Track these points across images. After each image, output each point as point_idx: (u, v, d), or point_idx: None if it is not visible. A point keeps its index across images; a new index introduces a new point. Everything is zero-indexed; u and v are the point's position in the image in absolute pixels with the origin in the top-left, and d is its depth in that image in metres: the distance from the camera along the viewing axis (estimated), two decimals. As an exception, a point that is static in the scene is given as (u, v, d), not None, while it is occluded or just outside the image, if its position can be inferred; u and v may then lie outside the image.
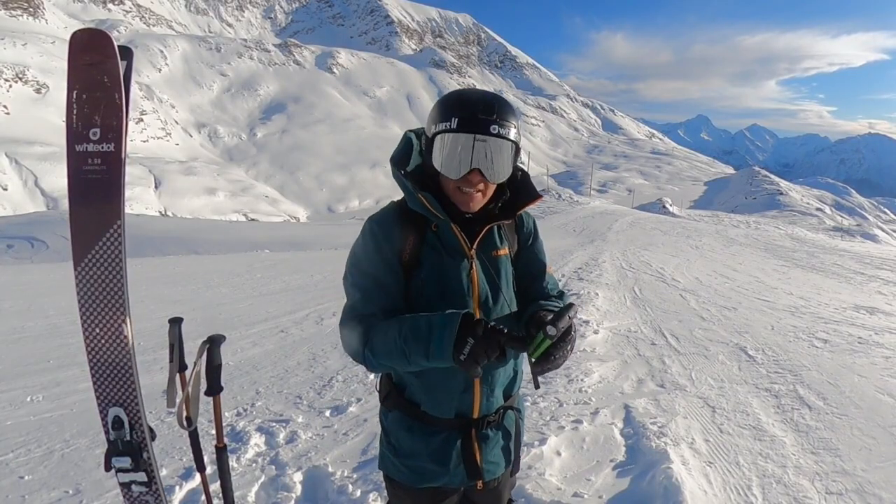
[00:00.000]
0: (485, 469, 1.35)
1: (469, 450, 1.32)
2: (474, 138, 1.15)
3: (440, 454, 1.32)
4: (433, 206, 1.22)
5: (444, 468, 1.33)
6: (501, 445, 1.37)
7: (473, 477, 1.34)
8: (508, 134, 1.17)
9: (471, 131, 1.15)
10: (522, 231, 1.41)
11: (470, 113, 1.16)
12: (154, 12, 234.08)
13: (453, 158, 1.18)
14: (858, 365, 4.31)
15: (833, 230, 32.10)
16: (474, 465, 1.33)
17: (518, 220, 1.40)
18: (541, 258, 1.43)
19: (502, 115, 1.17)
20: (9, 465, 2.67)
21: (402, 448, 1.35)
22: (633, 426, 3.12)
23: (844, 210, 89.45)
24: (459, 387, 1.29)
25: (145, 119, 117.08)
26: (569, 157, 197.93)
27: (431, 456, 1.32)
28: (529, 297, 1.38)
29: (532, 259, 1.41)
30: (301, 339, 5.01)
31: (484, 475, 1.35)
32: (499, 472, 1.39)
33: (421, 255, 1.26)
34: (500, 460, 1.37)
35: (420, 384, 1.31)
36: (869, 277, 9.62)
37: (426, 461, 1.33)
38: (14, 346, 4.72)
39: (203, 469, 1.63)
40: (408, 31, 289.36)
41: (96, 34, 1.29)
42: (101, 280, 1.33)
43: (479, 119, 1.15)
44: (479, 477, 1.34)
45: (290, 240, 16.23)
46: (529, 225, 1.42)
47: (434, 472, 1.33)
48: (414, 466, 1.34)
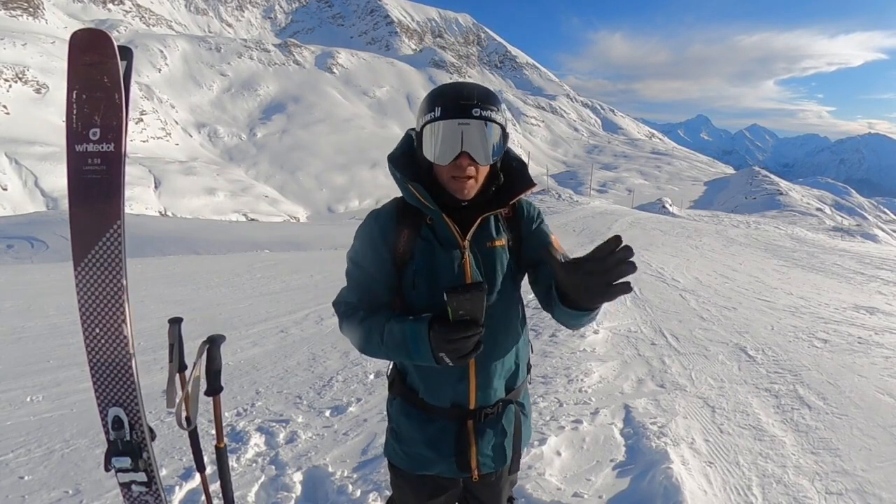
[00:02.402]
0: (480, 463, 1.36)
1: (463, 441, 1.34)
2: (458, 123, 1.19)
3: (435, 442, 1.35)
4: (424, 196, 1.25)
5: (438, 456, 1.36)
6: (497, 442, 1.37)
7: (464, 469, 1.36)
8: (491, 116, 1.21)
9: (454, 116, 1.19)
10: (523, 219, 1.40)
11: (452, 100, 1.21)
12: (154, 12, 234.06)
13: (442, 145, 1.22)
14: (858, 365, 4.31)
15: (833, 230, 32.08)
16: (466, 456, 1.35)
17: (518, 210, 1.40)
18: (546, 236, 1.40)
19: (483, 100, 1.21)
20: (9, 465, 2.67)
21: (401, 434, 1.40)
22: (633, 426, 3.12)
23: (844, 210, 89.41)
24: (454, 376, 1.32)
25: (145, 119, 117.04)
26: (569, 157, 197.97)
27: (427, 443, 1.35)
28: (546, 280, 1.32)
29: (538, 239, 1.39)
30: (301, 339, 5.02)
31: (480, 468, 1.36)
32: (494, 467, 1.39)
33: (414, 247, 1.30)
34: (493, 455, 1.38)
35: (418, 372, 1.35)
36: (869, 277, 9.61)
37: (423, 448, 1.36)
38: (14, 346, 4.72)
39: (203, 469, 1.63)
40: (408, 31, 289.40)
41: (96, 34, 1.29)
42: (101, 280, 1.33)
43: (460, 104, 1.20)
44: (470, 470, 1.36)
45: (290, 240, 16.23)
46: (531, 213, 1.42)
47: (429, 459, 1.36)
48: (412, 453, 1.38)
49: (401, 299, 1.34)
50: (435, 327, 1.16)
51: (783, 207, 70.52)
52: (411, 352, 1.20)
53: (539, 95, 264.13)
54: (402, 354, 1.22)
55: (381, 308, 1.32)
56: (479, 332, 1.14)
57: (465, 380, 1.32)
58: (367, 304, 1.32)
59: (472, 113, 1.19)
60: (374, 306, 1.32)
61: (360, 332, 1.28)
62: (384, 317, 1.27)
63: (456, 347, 1.13)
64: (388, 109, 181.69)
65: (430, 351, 1.16)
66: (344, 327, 1.34)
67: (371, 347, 1.28)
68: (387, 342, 1.23)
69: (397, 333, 1.21)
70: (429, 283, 1.28)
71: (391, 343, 1.22)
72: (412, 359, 1.21)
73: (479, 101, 1.20)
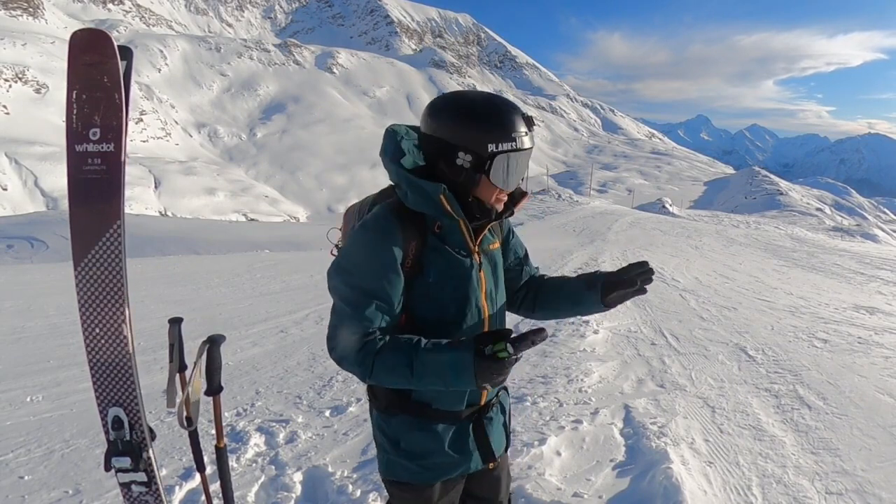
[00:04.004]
0: (494, 448, 1.41)
1: (481, 434, 1.38)
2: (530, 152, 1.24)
3: (457, 445, 1.35)
4: (454, 209, 1.22)
5: (462, 457, 1.36)
6: (502, 422, 1.45)
7: (488, 459, 1.39)
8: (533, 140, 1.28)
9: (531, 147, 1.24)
10: (504, 224, 1.50)
11: (525, 127, 1.22)
12: (154, 12, 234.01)
13: (516, 174, 1.24)
14: (858, 365, 4.31)
15: (833, 230, 32.05)
16: (488, 446, 1.38)
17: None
18: (521, 243, 1.58)
19: (530, 124, 1.25)
20: (9, 465, 2.67)
21: (414, 450, 1.33)
22: (633, 426, 3.12)
23: (844, 210, 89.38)
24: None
25: (145, 119, 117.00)
26: (569, 157, 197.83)
27: (451, 447, 1.35)
28: (521, 279, 1.55)
29: (517, 247, 1.55)
30: (301, 339, 5.01)
31: (496, 455, 1.41)
32: (502, 448, 1.46)
33: (423, 259, 1.24)
34: (502, 436, 1.45)
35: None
36: (869, 277, 9.61)
37: (443, 456, 1.34)
38: (14, 346, 4.72)
39: (203, 469, 1.63)
40: (408, 31, 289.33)
41: (96, 34, 1.29)
42: (101, 280, 1.33)
43: (529, 134, 1.23)
44: (494, 457, 1.40)
45: (290, 240, 16.23)
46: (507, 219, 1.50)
47: (452, 463, 1.36)
48: (431, 465, 1.34)
49: (407, 314, 1.27)
50: (480, 361, 1.11)
51: (783, 207, 70.49)
52: (449, 381, 1.15)
53: (539, 95, 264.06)
54: (438, 384, 1.16)
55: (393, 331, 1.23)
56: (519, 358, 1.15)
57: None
58: (380, 335, 1.20)
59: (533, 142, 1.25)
60: (387, 332, 1.22)
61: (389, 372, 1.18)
62: (407, 345, 1.18)
63: (503, 378, 1.13)
64: (388, 109, 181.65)
65: (473, 380, 1.12)
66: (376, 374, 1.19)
67: (392, 378, 1.19)
68: (418, 373, 1.15)
69: (434, 365, 1.15)
70: (447, 293, 1.26)
71: (425, 374, 1.15)
72: (448, 387, 1.17)
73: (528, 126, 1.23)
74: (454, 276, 1.27)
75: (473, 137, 1.20)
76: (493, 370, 1.11)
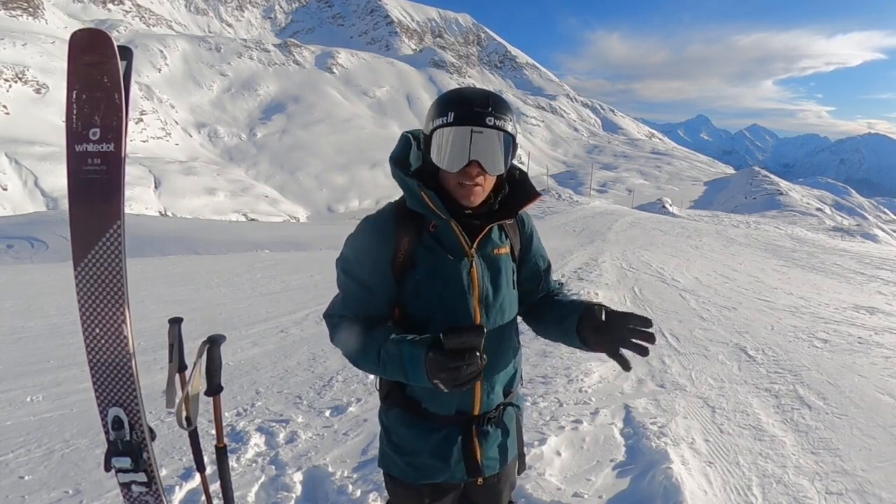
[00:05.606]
0: (484, 465, 1.36)
1: (469, 446, 1.33)
2: (471, 130, 1.17)
3: (441, 450, 1.33)
4: (436, 204, 1.22)
5: (444, 464, 1.33)
6: (500, 442, 1.39)
7: (473, 473, 1.35)
8: (504, 126, 1.19)
9: (467, 123, 1.17)
10: (525, 231, 1.43)
11: (466, 107, 1.18)
12: (154, 12, 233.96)
13: (452, 152, 1.19)
14: (858, 365, 4.31)
15: (833, 230, 32.06)
16: (474, 461, 1.34)
17: (520, 220, 1.42)
18: (545, 255, 1.50)
19: (497, 108, 1.19)
20: (9, 465, 2.67)
21: (403, 445, 1.36)
22: (633, 426, 3.12)
23: (844, 210, 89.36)
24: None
25: (145, 119, 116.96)
26: (569, 157, 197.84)
27: (432, 452, 1.33)
28: (537, 293, 1.47)
29: (538, 257, 1.47)
30: (301, 339, 5.02)
31: (483, 471, 1.36)
32: (498, 468, 1.40)
33: (415, 256, 1.27)
34: (499, 456, 1.39)
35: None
36: (869, 277, 9.61)
37: (427, 457, 1.33)
38: (14, 346, 4.72)
39: (203, 469, 1.63)
40: (408, 31, 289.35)
41: (96, 34, 1.29)
42: (101, 280, 1.33)
43: (475, 112, 1.17)
44: (479, 473, 1.35)
45: (290, 240, 16.21)
46: (530, 224, 1.46)
47: (435, 468, 1.34)
48: (415, 463, 1.35)
49: (400, 310, 1.31)
50: (430, 354, 1.13)
51: (783, 207, 70.48)
52: (408, 374, 1.18)
53: (539, 95, 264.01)
54: (399, 375, 1.20)
55: (380, 321, 1.28)
56: (477, 362, 1.11)
57: (471, 388, 1.30)
58: (364, 318, 1.28)
59: (486, 122, 1.17)
60: (373, 320, 1.28)
61: (357, 347, 1.25)
62: (382, 334, 1.23)
63: (452, 376, 1.11)
64: (388, 109, 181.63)
65: (425, 376, 1.14)
66: (337, 339, 1.29)
67: (367, 364, 1.26)
68: (384, 361, 1.21)
69: (395, 354, 1.19)
70: (435, 293, 1.26)
71: (388, 363, 1.20)
72: (409, 381, 1.20)
73: (494, 109, 1.18)
74: (442, 275, 1.26)
75: (425, 123, 1.26)
76: (441, 366, 1.11)
